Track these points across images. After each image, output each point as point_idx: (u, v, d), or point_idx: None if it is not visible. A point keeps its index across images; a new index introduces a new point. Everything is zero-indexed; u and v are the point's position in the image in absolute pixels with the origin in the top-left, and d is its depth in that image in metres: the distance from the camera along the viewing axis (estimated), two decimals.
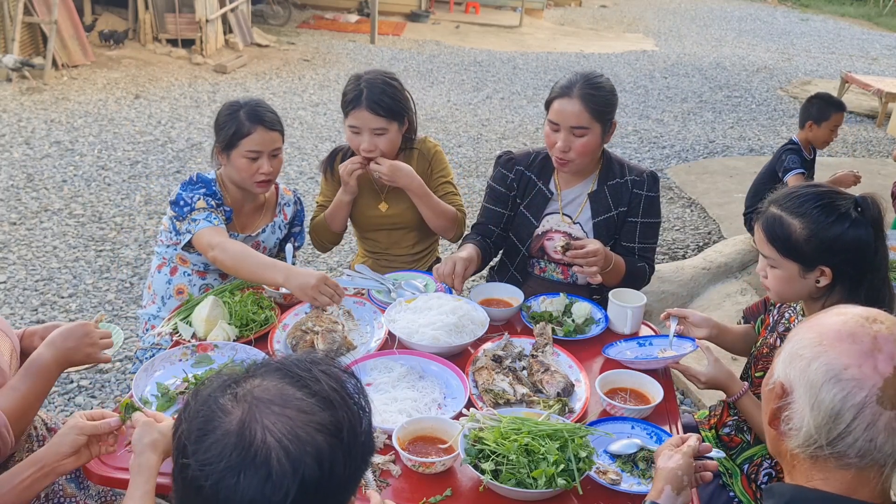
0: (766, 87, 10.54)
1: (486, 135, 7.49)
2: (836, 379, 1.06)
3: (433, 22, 13.99)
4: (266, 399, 0.95)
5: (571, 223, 2.49)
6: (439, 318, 2.12)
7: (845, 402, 1.05)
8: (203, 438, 0.94)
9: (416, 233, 2.76)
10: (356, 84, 2.50)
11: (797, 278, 1.81)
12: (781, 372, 1.14)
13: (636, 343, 2.21)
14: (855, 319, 1.11)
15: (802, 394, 1.09)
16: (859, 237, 1.74)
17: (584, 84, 2.30)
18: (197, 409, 0.97)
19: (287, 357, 1.05)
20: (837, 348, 1.08)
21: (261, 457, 0.90)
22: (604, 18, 16.50)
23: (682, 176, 6.51)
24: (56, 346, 1.69)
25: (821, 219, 1.75)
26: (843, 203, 1.77)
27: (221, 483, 0.90)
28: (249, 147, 2.37)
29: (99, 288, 4.13)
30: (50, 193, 5.32)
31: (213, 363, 1.97)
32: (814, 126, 4.42)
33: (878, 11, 19.36)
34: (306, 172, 6.12)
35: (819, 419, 1.06)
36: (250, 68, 9.54)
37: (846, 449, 1.06)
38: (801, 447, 1.10)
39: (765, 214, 1.85)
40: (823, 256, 1.76)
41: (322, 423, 0.94)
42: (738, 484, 1.98)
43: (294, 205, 2.74)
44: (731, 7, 19.25)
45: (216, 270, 2.50)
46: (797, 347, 1.12)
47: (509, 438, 1.61)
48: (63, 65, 8.37)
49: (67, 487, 1.83)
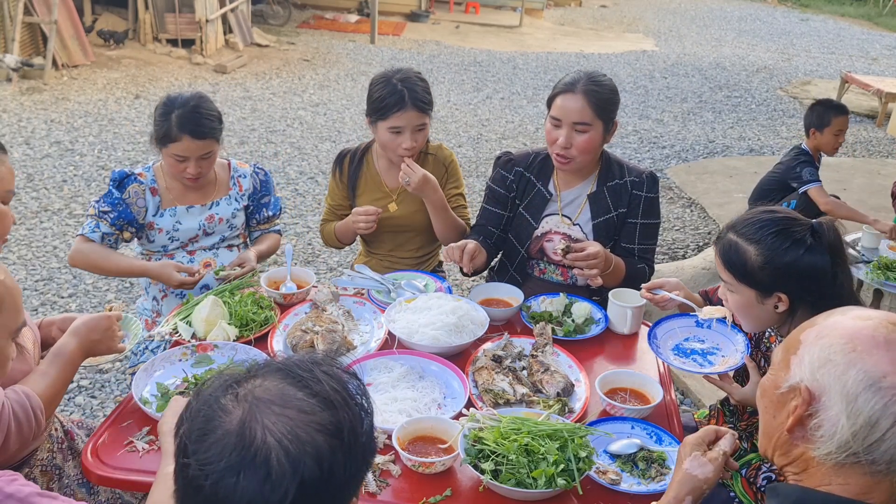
0: (766, 87, 10.54)
1: (486, 135, 7.49)
2: (875, 387, 1.05)
3: (433, 22, 13.99)
4: (267, 399, 0.95)
5: (571, 224, 2.49)
6: (439, 318, 2.12)
7: (885, 410, 1.04)
8: (203, 438, 0.94)
9: (422, 237, 2.76)
10: (392, 86, 2.48)
11: (755, 304, 1.83)
12: (808, 377, 1.12)
13: (694, 323, 2.14)
14: (885, 325, 1.10)
15: (838, 401, 1.07)
16: (814, 263, 1.74)
17: (588, 81, 2.30)
18: (198, 408, 0.97)
19: (289, 358, 1.05)
20: (875, 356, 1.07)
21: (260, 457, 0.90)
22: (604, 18, 16.50)
23: (682, 176, 6.51)
24: (81, 336, 1.73)
25: (775, 245, 1.76)
26: (799, 229, 1.77)
27: (221, 483, 0.90)
28: (176, 152, 2.40)
29: (99, 288, 4.13)
30: (50, 193, 5.32)
31: (213, 363, 1.97)
32: (816, 133, 4.40)
33: (878, 11, 19.36)
34: (306, 172, 6.11)
35: (857, 427, 1.06)
36: (250, 68, 9.55)
37: (879, 457, 1.06)
38: (832, 454, 1.09)
39: (722, 240, 1.86)
40: (779, 283, 1.77)
41: (322, 423, 0.94)
42: (739, 485, 1.98)
43: (253, 176, 2.70)
44: (731, 7, 19.24)
45: (182, 251, 2.59)
46: (828, 353, 1.11)
47: (509, 438, 1.61)
48: (63, 65, 8.37)
49: (78, 493, 1.83)
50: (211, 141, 2.42)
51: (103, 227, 2.46)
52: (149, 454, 1.68)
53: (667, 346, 2.09)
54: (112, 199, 2.47)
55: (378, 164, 2.72)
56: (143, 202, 2.50)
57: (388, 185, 2.69)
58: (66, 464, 1.83)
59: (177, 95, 2.43)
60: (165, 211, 2.53)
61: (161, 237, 2.54)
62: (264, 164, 6.08)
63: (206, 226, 2.58)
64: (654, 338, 2.11)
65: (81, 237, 2.47)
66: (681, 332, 2.14)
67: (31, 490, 1.22)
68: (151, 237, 2.55)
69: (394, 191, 2.69)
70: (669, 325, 2.15)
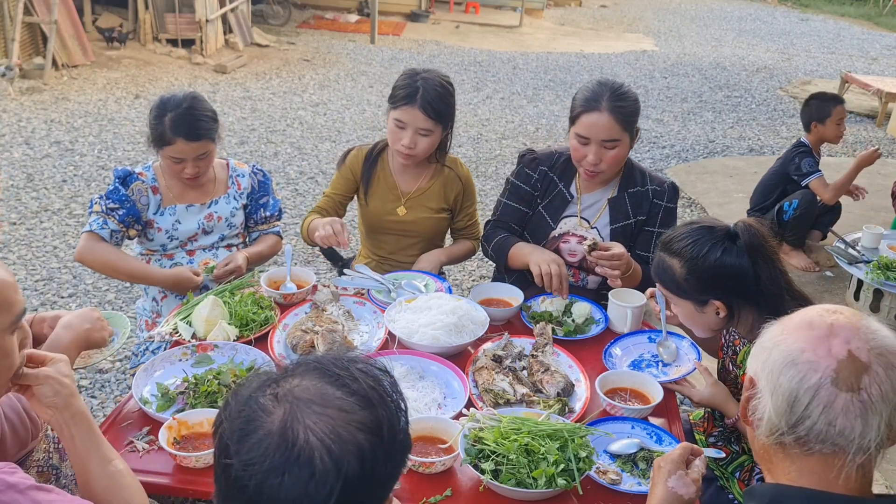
0: (766, 87, 10.54)
1: (486, 135, 7.49)
2: (792, 363, 1.08)
3: (433, 22, 13.98)
4: (307, 399, 0.96)
5: (589, 227, 2.48)
6: (439, 318, 2.12)
7: (801, 384, 1.06)
8: (245, 438, 0.95)
9: (426, 242, 2.75)
10: (413, 80, 2.47)
11: (696, 313, 1.89)
12: (750, 366, 1.17)
13: (645, 338, 2.22)
14: (816, 311, 1.14)
15: (765, 382, 1.11)
16: (732, 265, 1.78)
17: (612, 96, 2.29)
18: (238, 409, 0.98)
19: (324, 356, 1.06)
20: (796, 335, 1.10)
21: (304, 456, 0.92)
22: (604, 18, 16.49)
23: (682, 176, 6.50)
24: (74, 328, 1.73)
25: (693, 254, 1.81)
26: (715, 235, 1.82)
27: (265, 483, 0.92)
28: (171, 154, 2.40)
29: (99, 288, 4.13)
30: (50, 193, 5.32)
31: (213, 363, 1.97)
32: (818, 125, 4.42)
33: (878, 11, 19.35)
34: (306, 172, 6.11)
35: (778, 404, 1.08)
36: (250, 68, 9.54)
37: (806, 433, 1.06)
38: (767, 435, 1.11)
39: (654, 259, 1.94)
40: (707, 290, 1.83)
41: (363, 421, 0.96)
42: (736, 486, 1.99)
43: (251, 176, 2.70)
44: (731, 7, 19.24)
45: (181, 250, 2.58)
46: (762, 340, 1.16)
47: (509, 438, 1.61)
48: (63, 65, 8.37)
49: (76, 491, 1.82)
50: (206, 141, 2.42)
51: (111, 224, 2.44)
52: (149, 454, 1.68)
53: (623, 363, 2.13)
54: (119, 196, 2.46)
55: (392, 164, 2.70)
56: (146, 199, 2.51)
57: (401, 188, 2.68)
58: (63, 464, 1.83)
59: (170, 97, 2.41)
60: (166, 209, 2.53)
61: (160, 236, 2.54)
62: (264, 164, 6.08)
63: (206, 225, 2.58)
64: (610, 356, 2.15)
65: (90, 233, 2.44)
66: (635, 348, 2.20)
67: (31, 483, 1.22)
68: (150, 235, 2.55)
69: (405, 194, 2.67)
70: (625, 343, 2.21)
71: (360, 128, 7.44)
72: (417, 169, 2.67)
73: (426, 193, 2.68)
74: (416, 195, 2.65)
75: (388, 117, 2.55)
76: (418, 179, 2.68)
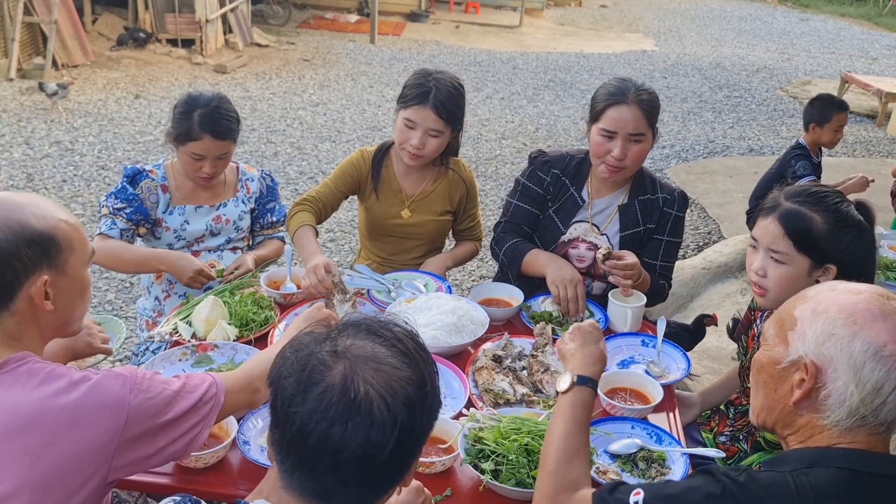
0: (766, 87, 10.55)
1: (486, 135, 7.50)
2: (878, 356, 1.15)
3: (433, 22, 13.99)
4: (363, 356, 1.07)
5: (599, 234, 2.47)
6: (439, 318, 2.12)
7: (888, 376, 1.15)
8: (308, 390, 1.04)
9: (427, 245, 2.74)
10: (425, 80, 2.45)
11: (803, 276, 1.77)
12: (812, 351, 1.19)
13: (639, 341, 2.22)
14: (877, 298, 1.20)
15: (845, 371, 1.17)
16: (869, 243, 1.76)
17: (637, 90, 2.29)
18: (299, 363, 1.07)
19: (365, 318, 1.16)
20: (874, 327, 1.16)
21: (365, 407, 1.02)
22: (604, 18, 16.50)
23: (682, 176, 6.51)
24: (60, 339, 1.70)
25: (839, 217, 1.75)
26: (851, 208, 1.78)
27: (329, 430, 1.02)
28: (195, 150, 2.39)
29: (99, 288, 4.13)
30: (50, 193, 5.32)
31: (213, 363, 1.97)
32: (816, 128, 4.42)
33: (878, 11, 19.36)
34: (306, 172, 6.12)
35: (864, 393, 1.16)
36: (250, 68, 9.54)
37: (883, 418, 1.17)
38: (842, 420, 1.19)
39: (780, 208, 1.80)
40: (836, 254, 1.74)
41: (411, 377, 1.07)
42: None
43: (260, 181, 2.71)
44: (730, 7, 19.25)
45: (187, 251, 2.56)
46: (831, 328, 1.18)
47: (509, 438, 1.61)
48: (63, 65, 8.37)
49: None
50: (229, 142, 2.44)
51: (119, 223, 2.44)
52: None
53: (611, 363, 2.10)
54: (126, 195, 2.46)
55: (397, 167, 2.66)
56: (155, 197, 2.51)
57: (405, 191, 2.66)
58: None
59: (199, 94, 2.43)
60: (174, 209, 2.53)
61: (168, 235, 2.54)
62: (264, 164, 6.08)
63: (213, 226, 2.58)
64: None
65: (101, 236, 2.45)
66: (627, 349, 2.18)
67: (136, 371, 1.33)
68: (158, 234, 2.54)
69: (409, 197, 2.66)
70: (616, 343, 2.19)
71: (360, 128, 7.45)
72: (422, 172, 2.66)
73: (430, 196, 2.67)
74: (421, 198, 2.64)
75: (396, 117, 2.52)
76: (422, 182, 2.67)
